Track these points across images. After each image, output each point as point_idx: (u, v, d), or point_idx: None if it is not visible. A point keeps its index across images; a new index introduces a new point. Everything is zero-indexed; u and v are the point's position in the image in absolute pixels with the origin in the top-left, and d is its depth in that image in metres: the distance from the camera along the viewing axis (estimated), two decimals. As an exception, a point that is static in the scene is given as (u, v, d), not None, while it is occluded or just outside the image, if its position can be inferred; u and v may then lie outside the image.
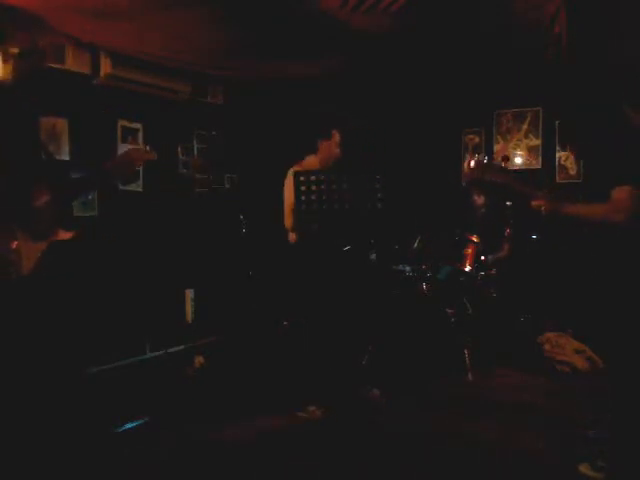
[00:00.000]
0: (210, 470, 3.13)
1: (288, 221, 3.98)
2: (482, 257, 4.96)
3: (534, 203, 2.89)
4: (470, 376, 4.45)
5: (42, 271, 2.43)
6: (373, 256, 4.25)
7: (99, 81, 4.67)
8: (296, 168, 3.91)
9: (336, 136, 4.12)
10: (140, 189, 5.06)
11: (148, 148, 2.86)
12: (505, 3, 3.83)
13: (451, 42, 4.56)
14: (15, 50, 2.45)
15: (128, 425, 3.61)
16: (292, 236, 4.00)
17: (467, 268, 4.86)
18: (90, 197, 4.60)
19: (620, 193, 2.60)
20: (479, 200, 5.38)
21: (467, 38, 4.45)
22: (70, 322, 2.88)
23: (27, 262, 2.39)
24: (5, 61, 2.45)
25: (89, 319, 4.21)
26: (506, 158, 2.97)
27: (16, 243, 2.35)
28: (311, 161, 4.12)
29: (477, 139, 6.19)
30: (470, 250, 4.89)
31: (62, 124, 4.49)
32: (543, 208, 2.85)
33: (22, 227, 2.39)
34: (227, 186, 6.03)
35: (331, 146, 4.10)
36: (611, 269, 2.89)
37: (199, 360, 4.77)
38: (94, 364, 4.40)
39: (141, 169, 4.97)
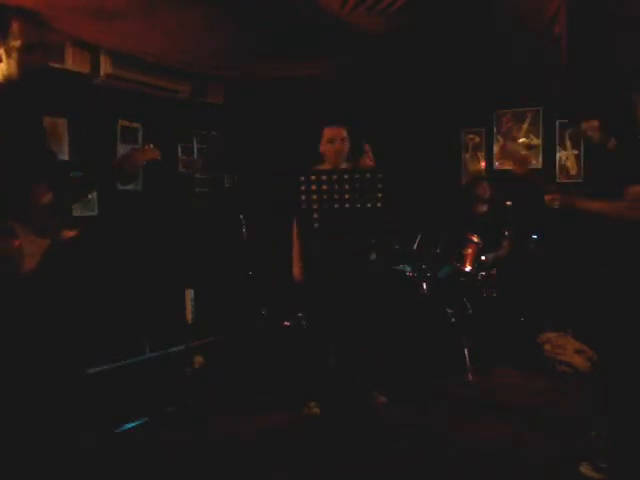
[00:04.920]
0: (210, 468, 3.13)
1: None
2: (482, 257, 4.95)
3: (547, 197, 2.89)
4: (470, 376, 4.46)
5: (45, 269, 2.42)
6: (373, 256, 4.23)
7: (99, 81, 4.67)
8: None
9: (330, 132, 3.81)
10: (140, 189, 5.07)
11: (152, 146, 2.84)
12: (505, 3, 3.82)
13: (451, 42, 4.56)
14: (18, 44, 2.42)
15: (128, 425, 3.61)
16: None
17: (467, 268, 4.86)
18: (90, 197, 4.60)
19: (638, 189, 2.60)
20: (485, 193, 5.35)
21: (467, 38, 4.45)
22: (71, 321, 2.88)
23: (30, 260, 2.38)
24: (9, 56, 2.43)
25: (89, 319, 4.20)
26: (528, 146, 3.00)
27: (18, 242, 2.34)
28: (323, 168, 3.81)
29: (477, 139, 6.19)
30: (470, 250, 4.89)
31: (62, 124, 4.49)
32: (557, 202, 2.85)
33: (24, 225, 2.37)
34: (227, 186, 6.03)
35: (328, 144, 3.80)
36: (612, 268, 2.89)
37: (199, 360, 4.77)
38: (93, 364, 4.40)
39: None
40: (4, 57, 2.42)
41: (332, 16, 3.91)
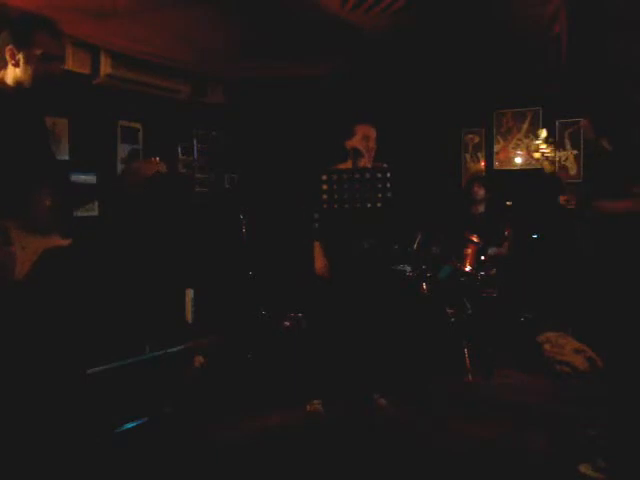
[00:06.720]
0: (210, 469, 3.13)
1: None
2: (482, 257, 4.95)
3: (562, 198, 2.94)
4: (470, 376, 4.46)
5: (36, 275, 2.41)
6: (367, 245, 4.15)
7: (99, 81, 4.67)
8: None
9: (362, 130, 3.77)
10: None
11: (157, 159, 2.87)
12: (505, 3, 3.83)
13: (451, 42, 4.56)
14: (38, 52, 2.48)
15: (128, 425, 3.61)
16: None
17: (467, 268, 4.86)
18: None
19: None
20: (479, 193, 5.35)
21: (467, 38, 4.45)
22: (66, 324, 2.86)
23: (22, 267, 2.37)
24: (26, 62, 2.48)
25: (88, 320, 4.20)
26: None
27: (12, 247, 2.33)
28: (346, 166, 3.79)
29: (477, 139, 6.19)
30: (470, 250, 4.89)
31: (62, 124, 4.49)
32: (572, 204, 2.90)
33: (21, 229, 2.37)
34: (227, 186, 6.03)
35: (363, 141, 3.75)
36: (611, 268, 2.89)
37: (199, 360, 4.77)
38: (93, 364, 4.39)
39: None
40: (22, 62, 2.47)
41: (332, 16, 3.91)
